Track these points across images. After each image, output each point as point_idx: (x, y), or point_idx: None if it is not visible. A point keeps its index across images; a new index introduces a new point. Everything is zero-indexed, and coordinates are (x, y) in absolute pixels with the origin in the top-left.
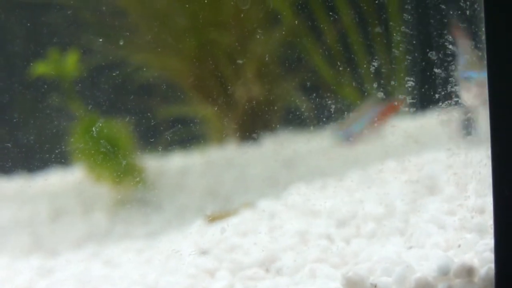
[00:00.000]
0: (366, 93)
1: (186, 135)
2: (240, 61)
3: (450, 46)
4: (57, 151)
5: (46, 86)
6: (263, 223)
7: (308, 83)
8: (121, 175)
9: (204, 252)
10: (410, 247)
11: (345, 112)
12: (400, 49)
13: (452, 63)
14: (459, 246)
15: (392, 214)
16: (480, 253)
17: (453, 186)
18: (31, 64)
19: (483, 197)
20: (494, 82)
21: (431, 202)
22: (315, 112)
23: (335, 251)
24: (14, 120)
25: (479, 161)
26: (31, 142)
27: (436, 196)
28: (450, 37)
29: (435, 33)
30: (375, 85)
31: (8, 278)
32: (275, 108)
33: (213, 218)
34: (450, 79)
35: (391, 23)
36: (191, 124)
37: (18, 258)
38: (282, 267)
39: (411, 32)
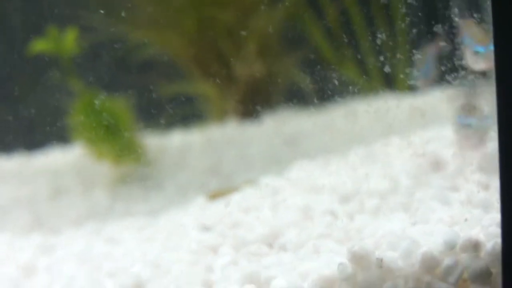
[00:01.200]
0: (367, 70)
1: (187, 113)
2: (241, 38)
3: (456, 19)
4: (56, 128)
5: (45, 63)
6: (265, 199)
7: (309, 60)
8: (122, 153)
9: (206, 229)
10: (415, 223)
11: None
12: (405, 22)
13: (457, 36)
14: (466, 220)
15: (397, 190)
16: (486, 227)
17: (458, 161)
18: (31, 41)
19: (488, 173)
20: (501, 59)
21: (435, 178)
22: (316, 89)
23: (339, 226)
24: (13, 98)
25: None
26: (31, 120)
27: (441, 172)
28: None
29: (440, 4)
30: (377, 59)
31: (9, 256)
32: (276, 85)
33: (215, 195)
34: (456, 52)
35: None
36: (192, 102)
37: (19, 236)
38: (285, 243)
39: (415, 4)
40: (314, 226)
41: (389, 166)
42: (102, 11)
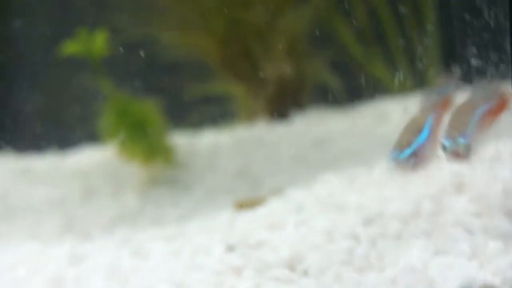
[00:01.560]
0: (397, 71)
1: (216, 113)
2: (270, 38)
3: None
4: (87, 129)
5: (76, 65)
6: (290, 216)
7: (339, 61)
8: (151, 154)
9: (231, 248)
10: (436, 253)
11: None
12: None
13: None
14: (482, 265)
15: (420, 213)
16: (503, 271)
17: (480, 186)
18: (61, 43)
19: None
20: None
21: (458, 201)
22: (346, 89)
23: (361, 253)
24: (46, 98)
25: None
26: (62, 120)
27: (464, 194)
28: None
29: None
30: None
31: (38, 266)
32: (306, 85)
33: (242, 205)
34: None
35: None
36: (221, 102)
37: (50, 242)
38: (308, 267)
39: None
40: (336, 251)
41: (413, 184)
42: (131, 13)
